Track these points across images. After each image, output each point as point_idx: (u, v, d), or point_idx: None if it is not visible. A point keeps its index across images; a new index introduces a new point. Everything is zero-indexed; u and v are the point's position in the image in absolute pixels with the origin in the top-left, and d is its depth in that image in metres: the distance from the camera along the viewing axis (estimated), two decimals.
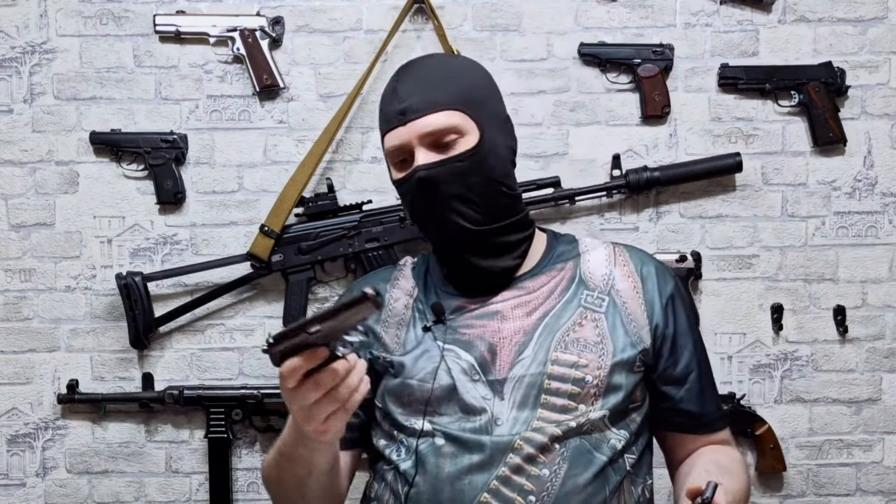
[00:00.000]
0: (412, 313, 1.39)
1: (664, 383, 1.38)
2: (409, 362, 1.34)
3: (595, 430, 1.29)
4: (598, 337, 1.32)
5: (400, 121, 1.31)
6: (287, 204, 1.94)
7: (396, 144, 1.33)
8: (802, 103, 1.99)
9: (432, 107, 1.30)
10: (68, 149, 2.01)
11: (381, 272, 1.51)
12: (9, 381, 2.02)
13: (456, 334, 1.34)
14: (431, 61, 1.40)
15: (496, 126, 1.36)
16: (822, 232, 2.02)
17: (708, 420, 1.41)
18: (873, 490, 2.03)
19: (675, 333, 1.38)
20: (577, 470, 1.27)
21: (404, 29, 2.00)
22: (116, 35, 2.01)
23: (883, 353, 2.02)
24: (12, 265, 2.02)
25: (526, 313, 1.34)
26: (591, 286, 1.37)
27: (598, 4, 2.01)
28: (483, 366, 1.31)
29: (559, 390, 1.29)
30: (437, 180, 1.30)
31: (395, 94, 1.34)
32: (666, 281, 1.40)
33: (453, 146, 1.31)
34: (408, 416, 1.33)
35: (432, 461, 1.29)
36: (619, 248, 1.43)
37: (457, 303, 1.37)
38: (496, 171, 1.34)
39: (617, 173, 1.98)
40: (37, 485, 2.02)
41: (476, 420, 1.29)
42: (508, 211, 1.36)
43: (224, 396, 1.97)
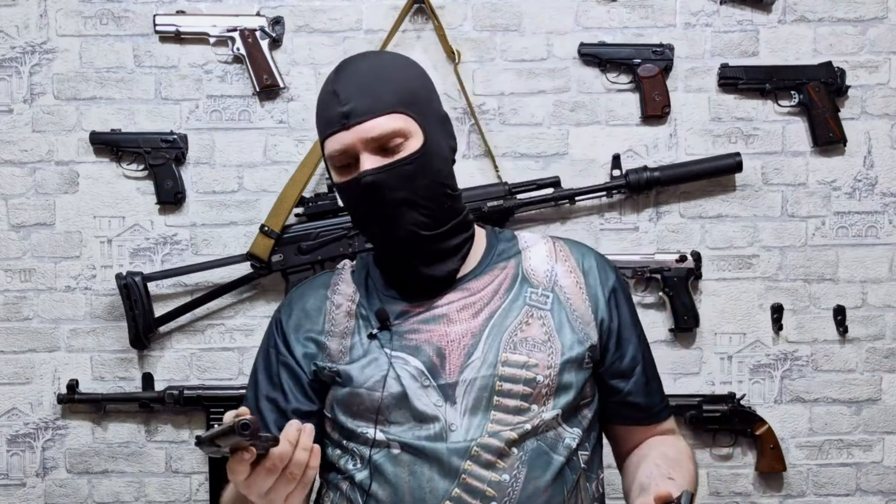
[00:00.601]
0: (356, 321, 1.36)
1: (612, 377, 1.37)
2: (355, 371, 1.32)
3: (549, 429, 1.29)
4: (545, 335, 1.31)
5: (343, 124, 1.28)
6: (287, 204, 1.94)
7: (339, 149, 1.30)
8: (802, 103, 1.99)
9: (376, 110, 1.27)
10: (68, 149, 2.01)
11: (320, 277, 1.46)
12: (9, 381, 2.02)
13: (403, 340, 1.32)
14: (368, 61, 1.36)
15: (437, 126, 1.34)
16: (822, 232, 2.02)
17: (655, 411, 1.41)
18: (873, 490, 2.03)
19: (619, 326, 1.37)
20: (536, 472, 1.26)
21: (404, 29, 2.00)
22: (116, 35, 2.01)
23: (883, 353, 2.02)
24: (12, 265, 2.02)
25: (472, 315, 1.32)
26: (535, 283, 1.35)
27: (598, 4, 2.01)
28: (432, 370, 1.29)
29: (511, 391, 1.28)
30: (384, 185, 1.27)
31: (335, 96, 1.29)
32: (607, 274, 1.39)
33: (398, 149, 1.28)
34: (359, 424, 1.31)
35: (391, 470, 1.27)
36: (559, 243, 1.41)
37: (400, 307, 1.34)
38: (441, 172, 1.33)
39: (617, 173, 1.98)
40: (37, 485, 2.02)
41: (429, 428, 1.27)
42: (452, 212, 1.35)
43: (224, 396, 1.97)
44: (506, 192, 1.96)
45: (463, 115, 2.01)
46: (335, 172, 1.33)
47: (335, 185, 1.34)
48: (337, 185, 1.33)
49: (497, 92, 2.02)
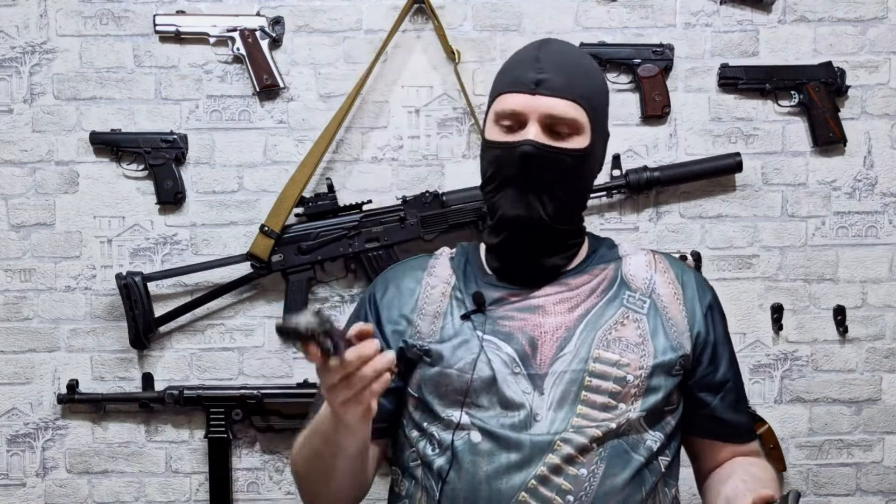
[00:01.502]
0: (449, 301, 1.37)
1: (701, 390, 1.38)
2: (446, 351, 1.32)
3: (632, 430, 1.29)
4: (639, 338, 1.32)
5: (531, 89, 1.29)
6: (287, 204, 1.94)
7: (513, 109, 1.30)
8: (802, 103, 1.99)
9: (567, 92, 1.29)
10: (68, 149, 2.01)
11: (416, 259, 1.48)
12: (9, 381, 2.02)
13: (496, 325, 1.32)
14: (575, 50, 1.40)
15: (602, 138, 1.38)
16: (822, 232, 2.02)
17: (741, 430, 1.41)
18: (873, 490, 2.03)
19: (715, 341, 1.38)
20: (614, 470, 1.26)
21: (404, 29, 2.00)
22: (116, 35, 2.01)
23: (883, 353, 2.02)
24: (12, 265, 2.02)
25: (568, 309, 1.33)
26: (633, 287, 1.37)
27: (598, 4, 2.01)
28: (524, 359, 1.30)
29: (600, 388, 1.28)
30: (542, 164, 1.29)
31: (536, 61, 1.31)
32: (704, 291, 1.41)
33: (565, 138, 1.30)
34: (445, 407, 1.31)
35: (468, 458, 1.27)
36: (658, 256, 1.43)
37: (497, 294, 1.35)
38: (589, 179, 1.37)
39: (617, 173, 1.98)
40: (37, 485, 2.02)
41: (514, 416, 1.27)
42: (577, 216, 1.38)
43: (224, 396, 1.97)
44: None
45: (463, 115, 2.01)
46: (494, 128, 1.33)
47: (486, 142, 1.35)
48: (490, 141, 1.33)
49: None
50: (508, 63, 1.37)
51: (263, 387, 1.97)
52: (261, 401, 1.96)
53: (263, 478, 2.03)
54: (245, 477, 2.02)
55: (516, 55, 1.37)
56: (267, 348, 2.02)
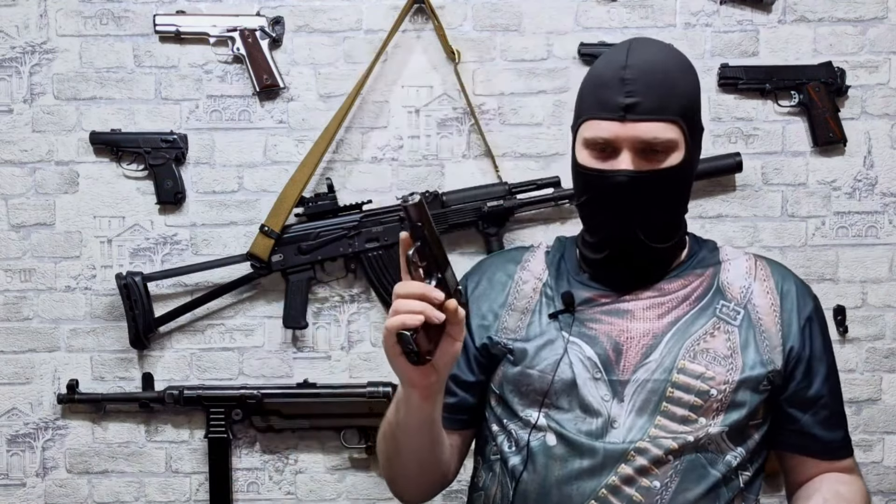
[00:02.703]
0: (539, 298, 1.34)
1: (792, 405, 1.33)
2: (531, 350, 1.30)
3: (712, 445, 1.25)
4: (728, 350, 1.28)
5: (620, 116, 1.22)
6: (287, 204, 1.94)
7: (605, 137, 1.24)
8: (802, 103, 1.99)
9: (660, 113, 1.22)
10: (68, 149, 2.01)
11: (511, 252, 1.45)
12: (9, 381, 2.02)
13: (583, 327, 1.29)
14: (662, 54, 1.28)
15: (697, 142, 1.32)
16: (822, 232, 2.02)
17: (834, 447, 1.36)
18: (873, 490, 2.02)
19: (810, 356, 1.32)
20: (688, 485, 1.23)
21: (404, 29, 2.00)
22: (116, 35, 2.01)
23: (883, 353, 2.02)
24: (12, 265, 2.02)
25: (657, 315, 1.29)
26: (728, 297, 1.32)
27: (598, 4, 2.01)
28: (606, 364, 1.27)
29: (681, 400, 1.25)
30: (637, 189, 1.23)
31: (622, 83, 1.22)
32: (806, 301, 1.35)
33: (662, 158, 1.24)
34: (524, 406, 1.29)
35: (542, 461, 1.26)
36: (760, 262, 1.38)
37: (587, 294, 1.32)
38: (685, 191, 1.31)
39: None
40: (37, 485, 2.02)
41: (592, 422, 1.25)
42: (680, 230, 1.34)
43: (224, 396, 1.97)
44: (506, 192, 1.96)
45: (463, 115, 2.01)
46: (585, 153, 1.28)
47: (578, 165, 1.29)
48: (582, 166, 1.28)
49: (497, 92, 2.02)
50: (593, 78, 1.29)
51: (263, 387, 1.97)
52: (261, 401, 1.96)
53: (263, 478, 2.03)
54: (245, 477, 2.03)
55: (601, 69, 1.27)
56: (267, 348, 2.02)
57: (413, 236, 1.08)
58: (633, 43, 1.28)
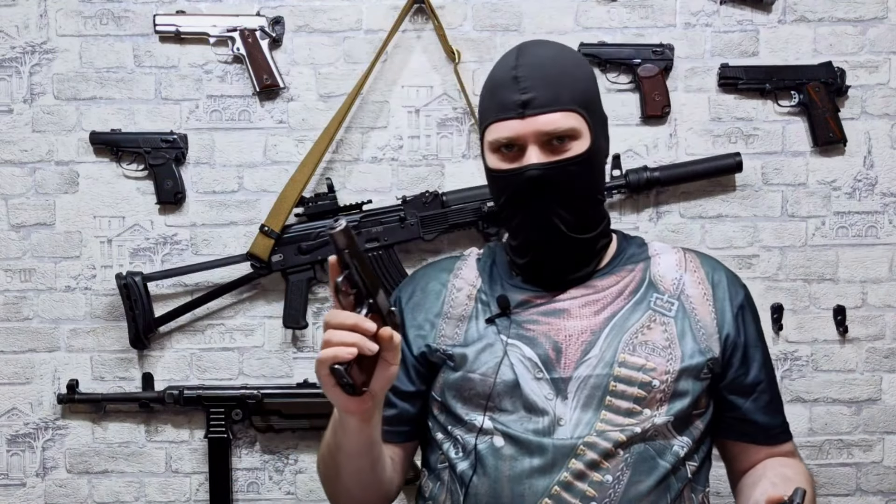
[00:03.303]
0: (475, 304, 1.35)
1: (732, 392, 1.36)
2: (470, 355, 1.31)
3: (659, 436, 1.27)
4: (666, 341, 1.30)
5: (519, 113, 1.26)
6: (287, 204, 1.94)
7: (508, 136, 1.28)
8: (802, 103, 1.99)
9: (556, 104, 1.26)
10: (68, 149, 2.01)
11: (444, 261, 1.47)
12: (9, 381, 2.02)
13: (520, 329, 1.31)
14: (550, 50, 1.33)
15: (601, 129, 1.34)
16: (822, 232, 2.02)
17: (774, 432, 1.39)
18: (873, 490, 2.03)
19: (745, 343, 1.35)
20: (639, 477, 1.25)
21: (404, 29, 2.00)
22: (116, 35, 2.01)
23: (883, 353, 2.02)
24: (12, 265, 2.02)
25: (593, 312, 1.31)
26: (661, 289, 1.34)
27: (598, 4, 2.01)
28: (547, 363, 1.29)
29: (624, 393, 1.27)
30: (547, 181, 1.26)
31: (515, 82, 1.27)
32: (737, 290, 1.38)
33: (566, 148, 1.27)
34: (468, 411, 1.30)
35: (491, 463, 1.26)
36: (689, 254, 1.41)
37: (522, 297, 1.34)
38: (599, 177, 1.33)
39: (617, 173, 1.98)
40: (37, 485, 2.02)
41: (538, 421, 1.26)
42: (599, 218, 1.35)
43: (224, 396, 1.97)
44: None
45: (463, 115, 2.01)
46: (494, 157, 1.31)
47: (490, 170, 1.32)
48: (493, 170, 1.31)
49: None
50: (489, 85, 1.33)
51: (263, 387, 1.97)
52: (261, 401, 1.96)
53: (263, 478, 2.03)
54: (245, 477, 2.03)
55: (495, 74, 1.33)
56: (267, 348, 2.02)
57: (340, 264, 1.07)
58: (522, 45, 1.33)
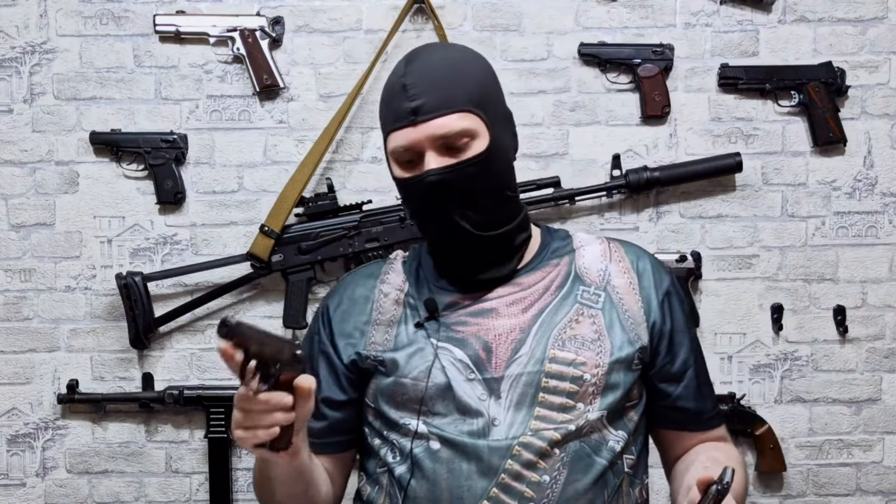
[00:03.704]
0: (403, 309, 1.35)
1: (661, 380, 1.36)
2: (401, 360, 1.31)
3: (594, 431, 1.27)
4: (595, 334, 1.30)
5: (411, 121, 1.25)
6: (287, 204, 1.94)
7: (404, 145, 1.27)
8: (802, 103, 1.99)
9: (446, 107, 1.25)
10: (68, 149, 2.01)
11: (371, 266, 1.45)
12: (9, 381, 2.02)
13: (450, 331, 1.31)
14: (440, 53, 1.34)
15: (502, 125, 1.33)
16: (822, 232, 2.02)
17: (705, 417, 1.39)
18: (873, 490, 2.03)
19: (672, 330, 1.35)
20: (577, 475, 1.25)
21: (404, 29, 2.00)
22: (116, 35, 2.01)
23: (883, 353, 2.02)
24: (12, 265, 2.02)
25: (521, 310, 1.31)
26: (588, 282, 1.34)
27: (598, 4, 2.01)
28: (478, 364, 1.28)
29: (557, 388, 1.27)
30: (449, 185, 1.25)
31: (404, 90, 1.26)
32: (662, 277, 1.37)
33: (464, 149, 1.26)
34: (402, 416, 1.30)
35: (429, 466, 1.26)
36: (613, 244, 1.40)
37: (450, 298, 1.33)
38: (503, 174, 1.32)
39: (617, 173, 1.98)
40: (37, 485, 2.02)
41: (473, 422, 1.26)
42: (512, 214, 1.34)
43: (224, 396, 1.96)
44: None
45: None
46: (397, 167, 1.31)
47: (395, 179, 1.32)
48: (398, 179, 1.31)
49: None
50: (383, 95, 1.32)
51: None
52: None
53: None
54: (245, 477, 2.02)
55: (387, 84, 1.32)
56: None
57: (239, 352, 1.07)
58: (411, 52, 1.32)
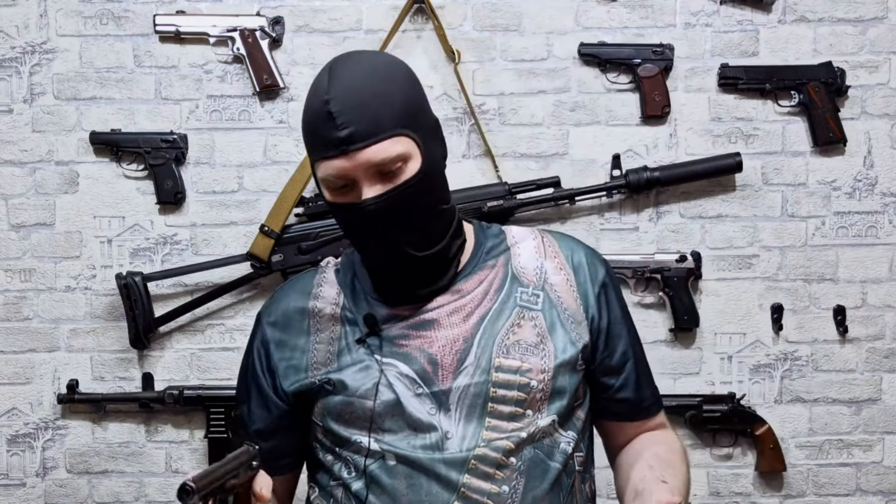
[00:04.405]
0: (342, 326, 1.31)
1: (602, 374, 1.35)
2: (347, 379, 1.27)
3: (546, 436, 1.26)
4: (537, 338, 1.28)
5: (342, 150, 1.19)
6: (287, 204, 1.94)
7: (335, 174, 1.21)
8: (802, 103, 1.99)
9: (377, 134, 1.19)
10: (68, 149, 2.01)
11: (300, 282, 1.39)
12: (9, 381, 2.02)
13: (393, 346, 1.27)
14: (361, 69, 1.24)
15: (432, 139, 1.28)
16: (822, 232, 2.02)
17: (645, 405, 1.38)
18: (873, 490, 2.03)
19: (609, 323, 1.33)
20: (534, 483, 1.24)
21: (404, 29, 2.00)
22: (116, 35, 2.01)
23: (883, 353, 2.02)
24: (12, 265, 2.01)
25: (462, 318, 1.28)
26: (525, 282, 1.31)
27: (598, 4, 2.01)
28: (425, 378, 1.25)
29: (505, 398, 1.24)
30: (386, 212, 1.21)
31: (330, 117, 1.19)
32: (597, 269, 1.35)
33: (399, 174, 1.21)
34: (352, 433, 1.27)
35: (387, 481, 1.24)
36: (547, 238, 1.37)
37: (388, 311, 1.29)
38: (439, 188, 1.28)
39: (617, 173, 1.98)
40: (37, 485, 2.02)
41: (425, 437, 1.24)
42: (446, 225, 1.30)
43: (224, 396, 1.97)
44: (506, 192, 1.96)
45: (463, 115, 2.01)
46: (329, 192, 1.25)
47: (328, 204, 1.27)
48: (331, 204, 1.26)
49: (497, 92, 2.02)
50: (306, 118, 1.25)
51: None
52: None
53: None
54: None
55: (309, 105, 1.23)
56: None
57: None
58: (332, 69, 1.23)
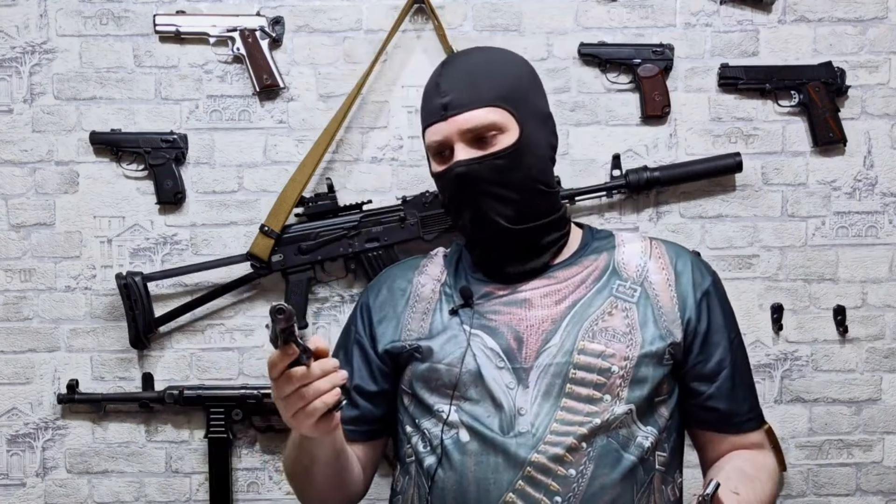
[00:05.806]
0: (439, 297, 1.40)
1: (693, 379, 1.36)
2: (436, 346, 1.35)
3: (622, 427, 1.28)
4: (627, 327, 1.31)
5: (441, 116, 1.33)
6: (287, 204, 1.94)
7: (437, 139, 1.35)
8: (802, 103, 1.99)
9: (473, 103, 1.32)
10: (68, 149, 2.01)
11: (411, 261, 1.52)
12: (9, 381, 2.02)
13: (483, 319, 1.34)
14: (475, 55, 1.41)
15: (537, 122, 1.37)
16: (822, 232, 2.02)
17: (738, 420, 1.38)
18: (873, 490, 2.03)
19: (707, 330, 1.36)
20: (603, 470, 1.25)
21: (404, 29, 2.00)
22: (116, 35, 2.01)
23: (883, 353, 2.02)
24: (12, 265, 2.02)
25: (555, 302, 1.34)
26: (624, 276, 1.36)
27: (598, 4, 2.01)
28: (508, 353, 1.31)
29: (584, 380, 1.28)
30: (475, 177, 1.31)
31: (437, 88, 1.35)
32: (703, 276, 1.39)
33: (493, 142, 1.32)
34: (436, 401, 1.33)
35: (457, 458, 1.28)
36: (655, 242, 1.43)
37: (485, 288, 1.37)
38: (535, 168, 1.35)
39: (617, 173, 1.98)
40: (37, 485, 2.02)
41: (501, 414, 1.28)
42: (545, 210, 1.37)
43: (224, 396, 1.97)
44: None
45: None
46: (433, 161, 1.38)
47: (433, 174, 1.39)
48: (433, 173, 1.38)
49: None
50: (422, 96, 1.42)
51: (263, 387, 1.97)
52: (261, 401, 1.95)
53: (263, 478, 2.03)
54: (245, 477, 2.03)
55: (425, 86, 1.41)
56: (267, 348, 2.02)
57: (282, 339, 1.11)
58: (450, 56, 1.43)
